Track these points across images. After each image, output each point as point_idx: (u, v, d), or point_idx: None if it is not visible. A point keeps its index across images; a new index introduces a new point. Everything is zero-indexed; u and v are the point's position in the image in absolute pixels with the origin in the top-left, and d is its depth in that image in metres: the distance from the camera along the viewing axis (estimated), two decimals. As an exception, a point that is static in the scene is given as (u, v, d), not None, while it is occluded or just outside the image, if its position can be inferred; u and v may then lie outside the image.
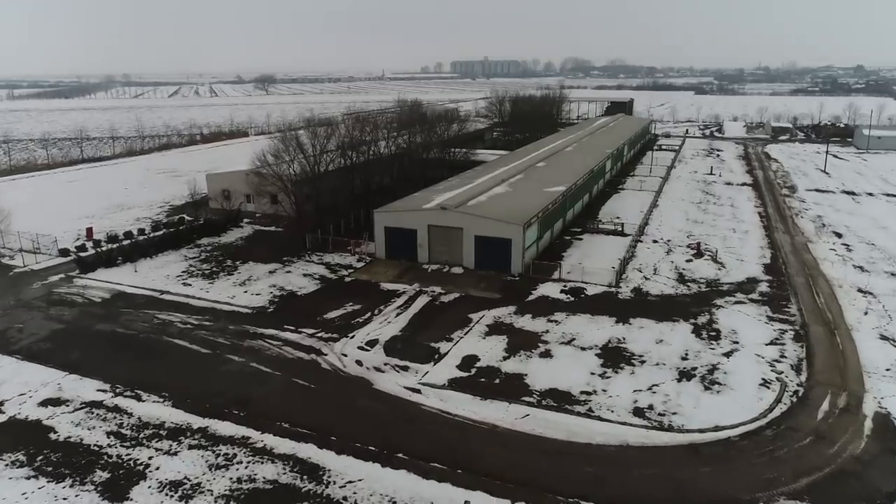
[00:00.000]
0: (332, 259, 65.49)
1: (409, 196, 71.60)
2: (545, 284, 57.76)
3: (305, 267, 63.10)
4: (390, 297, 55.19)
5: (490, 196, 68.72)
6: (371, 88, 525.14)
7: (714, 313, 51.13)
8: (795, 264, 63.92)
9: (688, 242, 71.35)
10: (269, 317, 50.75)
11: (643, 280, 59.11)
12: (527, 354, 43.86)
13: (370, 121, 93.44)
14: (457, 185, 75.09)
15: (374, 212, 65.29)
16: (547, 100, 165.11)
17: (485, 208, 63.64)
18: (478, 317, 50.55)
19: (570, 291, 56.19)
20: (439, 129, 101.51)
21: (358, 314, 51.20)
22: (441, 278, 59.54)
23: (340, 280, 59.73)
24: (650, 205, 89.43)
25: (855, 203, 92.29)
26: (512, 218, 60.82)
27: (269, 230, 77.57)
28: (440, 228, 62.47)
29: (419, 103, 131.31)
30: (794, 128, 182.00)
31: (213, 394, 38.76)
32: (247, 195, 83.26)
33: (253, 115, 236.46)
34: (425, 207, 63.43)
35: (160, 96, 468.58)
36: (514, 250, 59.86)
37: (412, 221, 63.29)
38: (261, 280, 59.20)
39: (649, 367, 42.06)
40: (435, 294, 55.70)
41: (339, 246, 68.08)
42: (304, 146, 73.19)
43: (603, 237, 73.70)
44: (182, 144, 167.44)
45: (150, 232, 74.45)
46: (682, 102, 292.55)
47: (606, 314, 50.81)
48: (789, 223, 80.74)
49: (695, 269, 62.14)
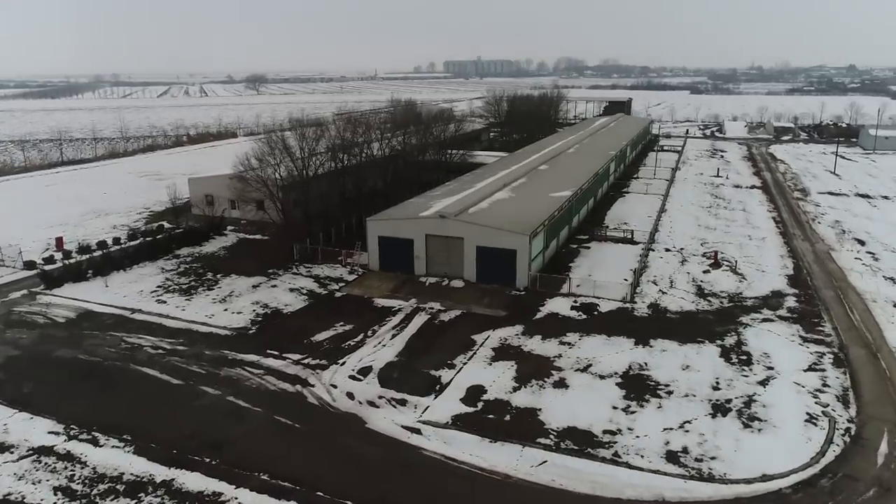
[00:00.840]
0: (321, 271, 60.51)
1: (404, 202, 66.72)
2: (553, 299, 53.01)
3: (293, 280, 58.11)
4: (385, 314, 50.29)
5: (492, 202, 63.92)
6: (363, 88, 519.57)
7: (741, 333, 46.50)
8: (821, 275, 59.43)
9: (703, 251, 66.82)
10: (251, 340, 45.72)
11: (660, 294, 54.46)
12: (539, 384, 39.05)
13: (362, 121, 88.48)
14: (455, 190, 70.26)
15: (367, 220, 60.37)
16: (545, 99, 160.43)
17: (487, 216, 58.83)
18: (482, 338, 45.72)
19: (581, 308, 51.45)
20: (435, 129, 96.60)
21: (349, 336, 46.26)
22: (440, 293, 54.70)
23: (331, 295, 54.77)
24: (658, 209, 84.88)
25: (872, 207, 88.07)
26: (517, 227, 56.05)
27: (254, 238, 72.46)
28: (439, 238, 57.62)
29: (413, 103, 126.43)
30: (796, 128, 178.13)
31: (182, 436, 33.74)
32: (231, 201, 78.16)
33: (242, 116, 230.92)
34: (423, 215, 58.57)
35: (149, 96, 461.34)
36: (520, 262, 55.09)
37: (408, 230, 58.42)
38: (243, 296, 54.15)
39: (678, 399, 37.34)
40: (434, 311, 50.84)
41: (329, 256, 63.13)
42: (291, 149, 68.17)
43: (612, 245, 69.04)
44: (168, 146, 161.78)
45: (126, 241, 69.22)
46: (678, 102, 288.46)
47: (623, 335, 46.08)
48: (807, 229, 76.34)
49: (714, 282, 57.54)
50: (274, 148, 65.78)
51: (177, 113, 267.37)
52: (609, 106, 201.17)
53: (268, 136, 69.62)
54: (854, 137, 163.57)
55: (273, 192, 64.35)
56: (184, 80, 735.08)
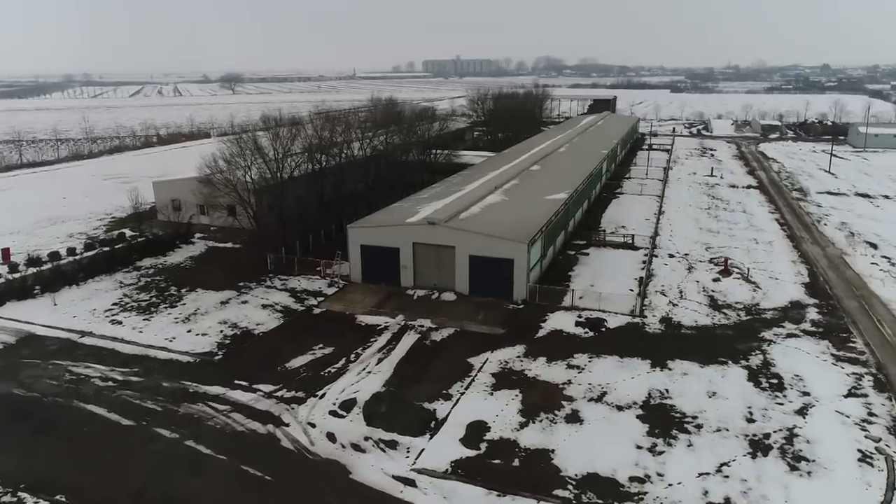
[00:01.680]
0: (298, 284, 54.91)
1: (388, 207, 61.35)
2: (556, 314, 48.05)
3: (266, 295, 52.44)
4: (370, 334, 44.92)
5: (484, 207, 58.80)
6: (342, 88, 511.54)
7: (767, 352, 41.92)
8: (839, 283, 55.25)
9: (709, 257, 62.40)
10: (216, 368, 40.05)
11: (670, 306, 49.78)
12: (549, 419, 34.00)
13: (341, 120, 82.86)
14: (443, 193, 65.02)
15: (347, 227, 54.92)
16: (530, 97, 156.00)
17: (480, 222, 53.71)
18: (480, 361, 40.57)
19: (586, 323, 46.52)
20: (419, 128, 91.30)
21: (329, 361, 40.81)
22: (430, 307, 49.45)
23: (308, 312, 49.23)
24: (656, 212, 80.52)
25: (875, 207, 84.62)
26: (513, 233, 51.01)
27: (224, 247, 66.53)
28: (428, 247, 52.37)
29: (394, 101, 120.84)
30: (783, 126, 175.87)
31: (128, 494, 28.10)
32: (200, 206, 72.10)
33: (216, 115, 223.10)
34: (409, 222, 53.27)
35: (121, 96, 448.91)
36: (517, 272, 50.05)
37: (394, 238, 53.10)
38: (210, 314, 48.37)
39: (709, 434, 32.53)
40: (424, 329, 45.57)
41: (306, 267, 57.53)
42: (263, 149, 62.38)
43: (611, 251, 64.34)
44: (137, 147, 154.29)
45: (82, 252, 62.88)
46: (660, 100, 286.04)
47: (637, 355, 41.23)
48: (813, 231, 72.40)
49: (726, 291, 53.05)
50: (244, 148, 59.92)
51: (148, 113, 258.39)
52: (594, 104, 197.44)
53: (237, 136, 63.68)
54: (842, 135, 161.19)
55: (243, 197, 58.56)
56: (158, 80, 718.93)
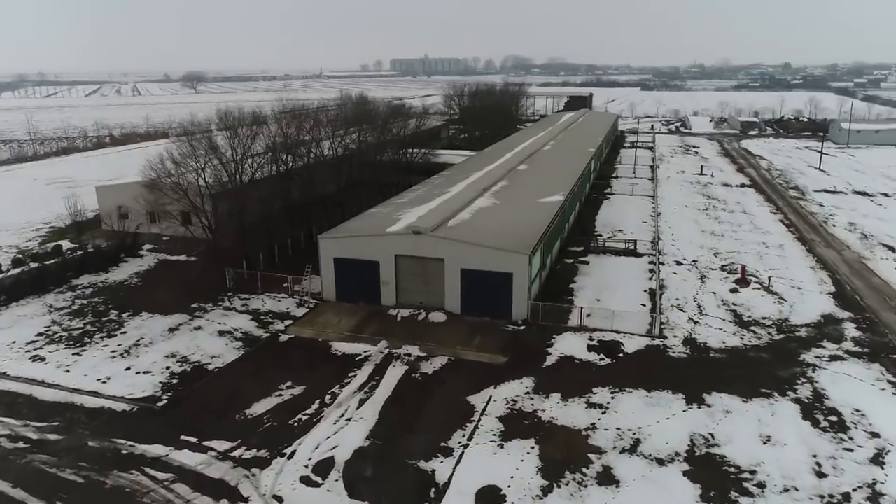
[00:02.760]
0: (261, 304, 47.42)
1: (364, 213, 54.24)
2: (563, 337, 41.55)
3: (223, 318, 44.84)
4: (348, 366, 37.80)
5: (474, 212, 52.04)
6: (309, 87, 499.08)
7: (814, 380, 36.03)
8: (869, 293, 49.90)
9: (721, 264, 56.74)
10: (159, 418, 32.51)
11: (691, 324, 43.70)
12: (577, 480, 27.39)
13: (309, 116, 75.24)
14: (426, 196, 58.08)
15: (318, 238, 47.62)
16: (507, 93, 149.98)
17: (471, 230, 46.93)
18: (482, 400, 33.82)
19: (600, 347, 40.11)
20: (395, 126, 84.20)
21: (300, 404, 33.62)
22: (417, 331, 42.50)
23: (273, 339, 41.84)
24: (652, 213, 74.87)
25: (878, 206, 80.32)
26: (511, 243, 44.36)
27: (177, 260, 58.57)
28: (413, 260, 45.42)
29: (365, 98, 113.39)
30: (761, 122, 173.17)
31: None
32: (150, 213, 63.87)
33: (175, 114, 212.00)
34: (390, 231, 46.21)
35: (76, 96, 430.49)
36: (517, 288, 43.41)
37: (373, 250, 46.02)
38: (155, 346, 40.64)
39: (776, 496, 26.29)
40: (412, 359, 38.63)
41: (271, 283, 50.03)
42: (219, 148, 54.59)
43: (612, 259, 58.22)
44: (87, 148, 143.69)
45: (8, 268, 54.26)
46: (633, 98, 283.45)
47: (667, 388, 34.93)
48: (823, 233, 67.41)
49: (749, 304, 47.25)
50: (196, 147, 52.05)
51: (102, 112, 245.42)
52: (570, 101, 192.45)
53: (188, 134, 55.70)
54: (821, 132, 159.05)
55: (195, 203, 50.71)
56: (116, 80, 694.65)
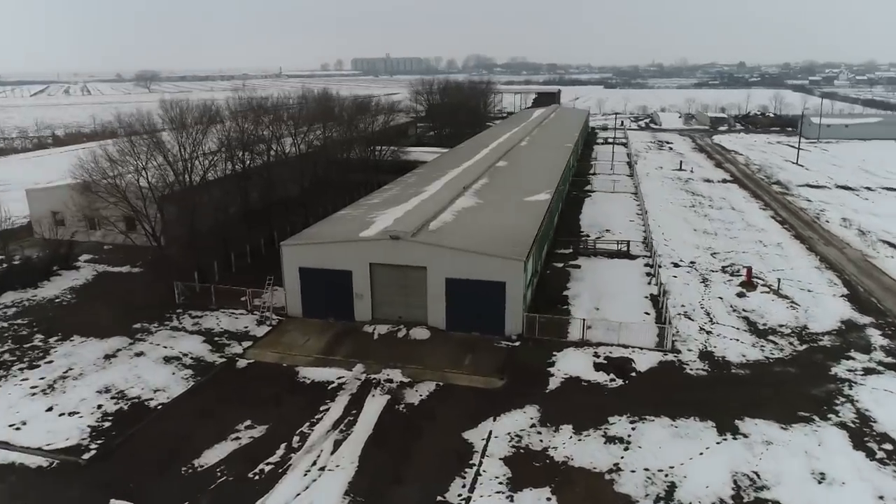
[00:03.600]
0: (216, 322, 41.20)
1: (333, 216, 48.43)
2: (565, 353, 36.53)
3: (171, 341, 38.51)
4: (319, 397, 32.05)
5: (456, 213, 46.64)
6: (268, 86, 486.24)
7: (853, 398, 31.76)
8: (884, 295, 46.21)
9: (720, 265, 52.68)
10: (84, 477, 26.26)
11: (704, 335, 39.19)
12: (609, 542, 22.28)
13: (268, 111, 68.74)
14: (400, 196, 52.45)
15: (281, 245, 41.60)
16: (476, 89, 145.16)
17: (456, 234, 41.53)
18: (481, 437, 28.50)
19: (609, 366, 35.20)
20: (362, 122, 78.28)
21: (262, 450, 27.76)
22: (398, 351, 36.94)
23: (230, 366, 35.76)
24: (637, 211, 70.74)
25: (865, 200, 77.86)
26: (502, 248, 39.16)
27: (119, 272, 51.73)
28: (390, 269, 39.83)
29: (328, 94, 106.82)
30: (730, 118, 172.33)
31: None
32: (89, 219, 56.85)
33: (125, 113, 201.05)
34: (364, 236, 40.48)
35: (20, 95, 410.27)
36: (511, 299, 38.21)
37: (344, 258, 40.26)
38: (86, 377, 34.17)
39: (852, 555, 21.65)
40: (394, 386, 33.09)
41: (227, 298, 43.77)
42: (164, 144, 47.99)
43: (605, 261, 53.60)
44: (27, 149, 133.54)
45: (-83, 286, 46.77)
46: (598, 95, 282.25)
47: (693, 414, 30.17)
48: (818, 230, 64.11)
49: (761, 310, 43.03)
50: (136, 143, 45.35)
51: (46, 112, 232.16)
52: (539, 97, 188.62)
53: (127, 129, 48.85)
54: (790, 127, 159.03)
55: (136, 207, 44.06)
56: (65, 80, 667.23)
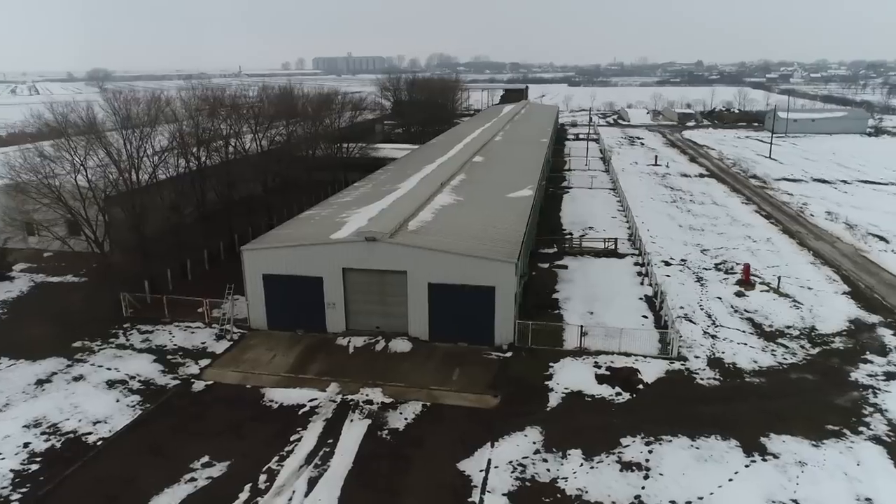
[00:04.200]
0: (169, 338, 36.51)
1: (298, 217, 44.09)
2: (562, 364, 33.02)
3: (116, 361, 33.73)
4: (289, 426, 27.81)
5: (436, 211, 42.69)
6: (227, 86, 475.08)
7: (880, 407, 28.99)
8: (888, 291, 43.94)
9: (712, 262, 50.02)
10: (1, 537, 21.69)
11: (709, 339, 36.15)
12: None
13: (225, 103, 63.60)
14: (373, 193, 48.25)
15: (242, 250, 37.09)
16: (446, 85, 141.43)
17: (438, 234, 37.63)
18: (479, 468, 24.72)
19: (612, 377, 31.78)
20: (329, 117, 73.81)
21: (222, 494, 23.46)
22: (377, 367, 32.90)
23: (185, 389, 31.22)
24: (619, 208, 68.00)
25: (843, 193, 76.68)
26: (490, 249, 35.46)
27: (59, 283, 46.40)
28: (366, 274, 35.74)
29: (290, 89, 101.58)
30: (697, 114, 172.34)
31: None
32: (28, 224, 51.10)
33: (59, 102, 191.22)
34: (336, 238, 36.26)
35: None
36: (501, 305, 34.51)
37: (313, 263, 36.01)
38: (13, 408, 29.24)
39: None
40: (375, 408, 29.06)
41: (182, 309, 39.06)
42: (105, 137, 42.87)
43: (593, 261, 50.40)
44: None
45: None
46: (564, 93, 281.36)
47: (712, 431, 26.92)
48: (805, 224, 62.21)
49: (764, 311, 40.28)
50: (72, 139, 40.13)
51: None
52: (506, 94, 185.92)
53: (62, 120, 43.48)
54: (756, 122, 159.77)
55: (73, 209, 38.92)
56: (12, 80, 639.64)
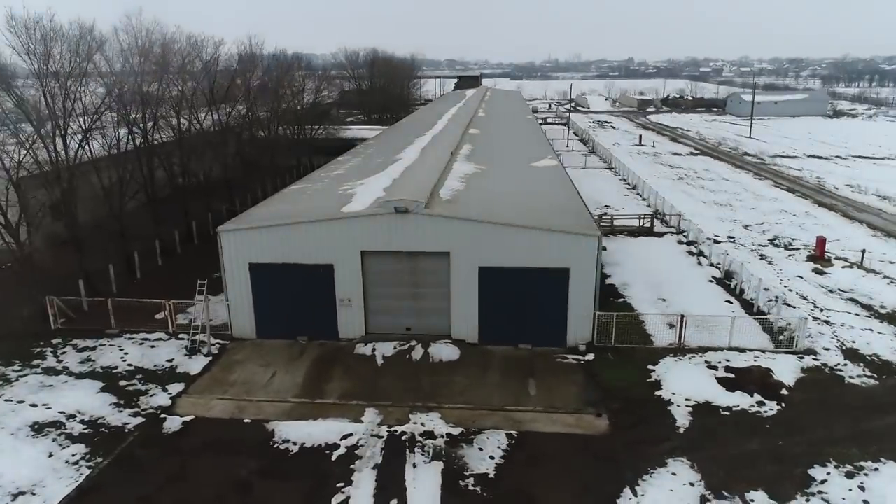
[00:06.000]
0: (119, 354, 26.43)
1: (283, 192, 34.71)
2: (666, 366, 25.08)
3: (43, 394, 23.52)
4: (324, 481, 18.68)
5: (463, 180, 33.85)
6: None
7: None
8: (977, 261, 38.39)
9: (762, 239, 43.52)
10: None
11: (824, 326, 29.02)
12: None
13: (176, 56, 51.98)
14: (367, 166, 38.81)
15: (220, 232, 27.30)
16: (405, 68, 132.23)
17: (481, 206, 28.96)
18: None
19: (740, 381, 24.04)
20: (291, 92, 63.54)
21: None
22: (420, 382, 24.03)
23: (154, 428, 21.45)
24: (628, 186, 61.29)
25: (847, 168, 72.78)
26: (560, 221, 27.14)
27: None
28: (393, 259, 26.73)
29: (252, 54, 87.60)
30: (657, 100, 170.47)
31: None
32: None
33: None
34: (351, 211, 27.04)
35: None
36: (578, 292, 26.14)
37: (321, 246, 26.66)
38: None
39: None
40: (439, 444, 20.25)
41: (134, 315, 28.78)
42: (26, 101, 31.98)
43: (631, 241, 42.92)
44: None
45: None
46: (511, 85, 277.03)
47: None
48: (834, 196, 56.96)
49: (862, 290, 33.73)
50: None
51: None
52: (461, 81, 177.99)
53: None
54: (714, 107, 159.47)
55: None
56: None
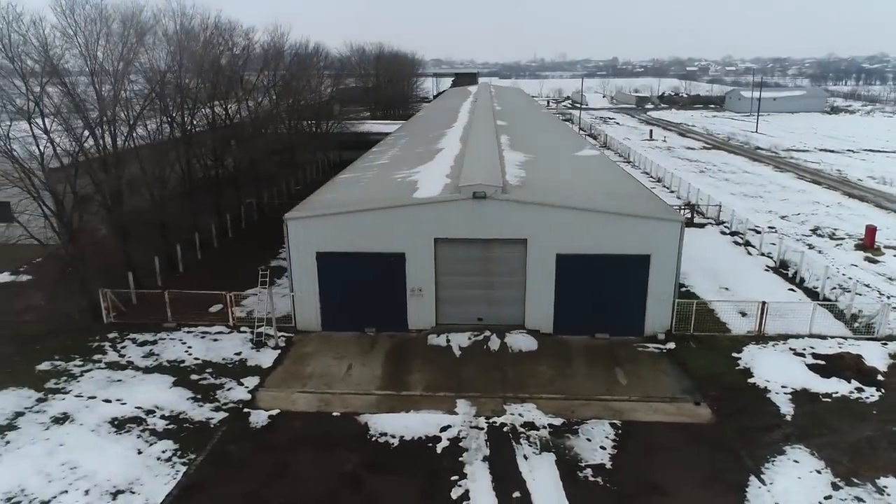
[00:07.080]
0: (183, 348, 25.44)
1: (336, 180, 33.84)
2: (751, 354, 24.63)
3: (114, 389, 22.48)
4: (435, 474, 17.91)
5: (522, 167, 33.13)
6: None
7: None
8: None
9: (803, 229, 43.37)
10: None
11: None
12: None
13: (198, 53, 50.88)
14: (410, 156, 37.99)
15: (287, 220, 26.41)
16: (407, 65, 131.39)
17: (553, 191, 28.31)
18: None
19: (832, 367, 23.63)
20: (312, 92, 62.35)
21: None
22: (505, 373, 23.35)
23: (240, 423, 20.54)
24: (651, 178, 61.14)
25: (863, 161, 73.27)
26: (639, 206, 26.60)
27: (19, 283, 33.77)
28: (466, 247, 25.99)
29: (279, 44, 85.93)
30: (653, 97, 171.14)
31: None
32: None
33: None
34: (425, 198, 26.27)
35: None
36: (659, 279, 25.56)
37: (392, 234, 25.86)
38: (-35, 478, 17.82)
39: None
40: (544, 434, 19.58)
41: (188, 309, 27.75)
42: (72, 87, 30.62)
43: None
44: None
45: None
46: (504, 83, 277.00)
47: None
48: (862, 188, 57.17)
49: (921, 277, 33.58)
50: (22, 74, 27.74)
51: None
52: (458, 78, 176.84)
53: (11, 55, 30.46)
54: (712, 104, 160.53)
55: (28, 185, 26.62)
56: None
